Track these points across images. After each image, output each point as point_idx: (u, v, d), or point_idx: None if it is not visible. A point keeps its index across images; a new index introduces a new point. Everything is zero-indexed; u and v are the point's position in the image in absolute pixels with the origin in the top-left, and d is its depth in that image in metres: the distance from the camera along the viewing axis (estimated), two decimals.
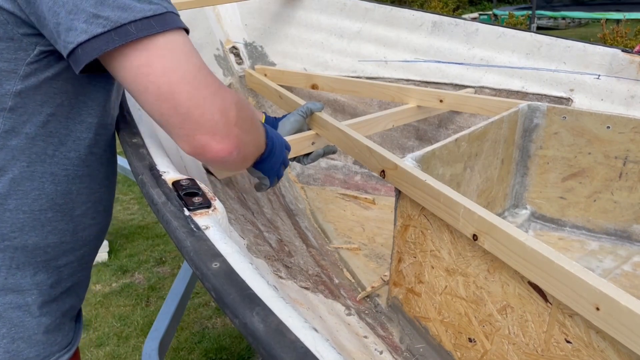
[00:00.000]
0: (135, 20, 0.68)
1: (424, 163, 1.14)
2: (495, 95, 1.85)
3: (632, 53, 1.71)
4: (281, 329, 0.50)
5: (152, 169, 0.80)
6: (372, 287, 1.30)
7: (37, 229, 0.84)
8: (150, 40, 0.70)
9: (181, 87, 0.71)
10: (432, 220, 1.04)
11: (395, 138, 2.02)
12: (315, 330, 0.51)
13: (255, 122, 0.92)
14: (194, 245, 0.63)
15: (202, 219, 0.68)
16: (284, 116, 1.42)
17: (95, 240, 0.97)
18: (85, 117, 0.85)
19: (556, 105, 1.48)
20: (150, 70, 0.70)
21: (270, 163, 1.05)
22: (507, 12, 12.95)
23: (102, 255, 3.15)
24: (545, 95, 1.81)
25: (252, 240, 1.20)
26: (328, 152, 1.45)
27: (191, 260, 0.62)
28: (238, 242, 1.06)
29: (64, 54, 0.71)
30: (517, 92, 1.85)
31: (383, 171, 1.14)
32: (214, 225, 0.67)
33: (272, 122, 1.38)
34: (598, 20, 10.94)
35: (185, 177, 0.77)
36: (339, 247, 1.54)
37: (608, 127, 1.42)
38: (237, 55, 2.07)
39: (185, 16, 1.92)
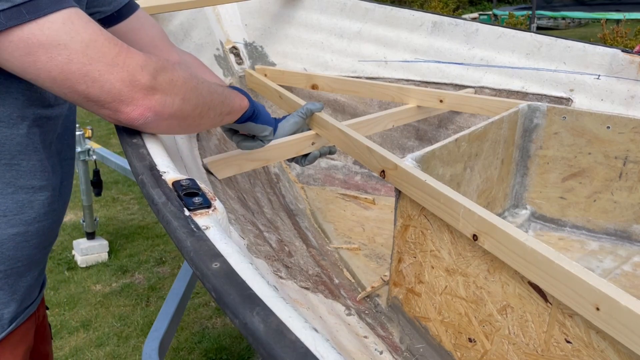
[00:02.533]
0: (4, 10, 0.65)
1: (424, 163, 1.14)
2: (495, 96, 1.85)
3: (632, 53, 1.71)
4: (281, 329, 0.50)
5: (152, 169, 0.80)
6: (372, 287, 1.30)
7: None
8: (24, 28, 0.66)
9: (71, 68, 0.69)
10: (432, 220, 1.04)
11: (395, 138, 2.02)
12: (316, 330, 0.51)
13: (198, 84, 0.86)
14: (194, 245, 0.62)
15: (202, 219, 0.67)
16: (283, 117, 1.42)
17: None
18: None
19: (556, 106, 1.48)
20: (34, 58, 0.67)
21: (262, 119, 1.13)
22: (507, 12, 12.92)
23: (102, 255, 3.15)
24: (545, 95, 1.81)
25: (252, 240, 1.20)
26: (324, 152, 1.44)
27: (191, 260, 0.62)
28: (238, 242, 1.06)
29: None
30: (517, 92, 1.85)
31: (383, 171, 1.14)
32: (214, 225, 0.67)
33: None
34: (598, 20, 10.93)
35: (185, 177, 0.77)
36: (339, 247, 1.54)
37: (608, 127, 1.42)
38: (237, 55, 2.07)
39: (185, 16, 1.93)
